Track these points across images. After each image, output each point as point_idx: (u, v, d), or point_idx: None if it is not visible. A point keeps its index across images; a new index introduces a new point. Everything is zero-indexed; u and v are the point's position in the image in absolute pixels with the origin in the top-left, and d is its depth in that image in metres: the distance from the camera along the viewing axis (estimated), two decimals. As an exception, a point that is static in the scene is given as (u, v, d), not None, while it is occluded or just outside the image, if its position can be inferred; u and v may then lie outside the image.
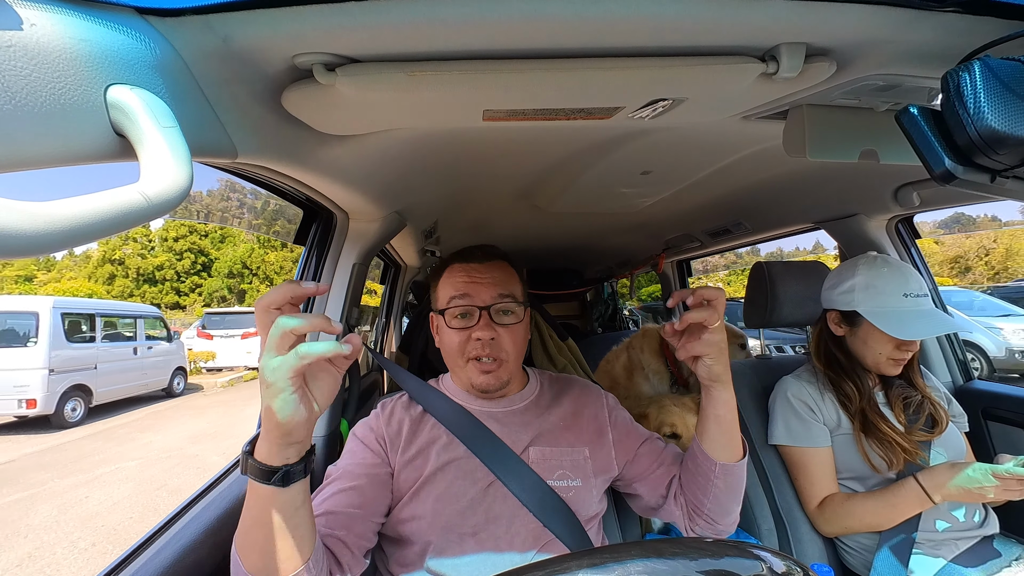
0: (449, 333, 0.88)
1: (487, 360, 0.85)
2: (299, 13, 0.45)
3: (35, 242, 0.29)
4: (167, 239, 27.89)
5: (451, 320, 0.87)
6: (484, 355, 0.85)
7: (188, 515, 0.81)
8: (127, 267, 26.50)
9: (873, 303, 1.10)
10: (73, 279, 26.42)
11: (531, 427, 0.89)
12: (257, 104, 0.59)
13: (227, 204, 1.51)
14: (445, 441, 0.85)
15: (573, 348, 1.50)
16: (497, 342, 0.85)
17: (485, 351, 0.85)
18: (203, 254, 28.17)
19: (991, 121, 0.45)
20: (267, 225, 1.38)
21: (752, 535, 1.22)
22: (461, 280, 0.88)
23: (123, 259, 26.18)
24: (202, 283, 27.79)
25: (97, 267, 26.26)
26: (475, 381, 0.87)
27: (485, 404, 0.91)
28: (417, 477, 0.82)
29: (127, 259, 26.30)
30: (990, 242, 21.62)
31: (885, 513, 1.04)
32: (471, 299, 0.86)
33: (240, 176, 0.82)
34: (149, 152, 0.39)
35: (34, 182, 0.46)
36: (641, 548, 0.37)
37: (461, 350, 0.86)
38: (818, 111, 0.75)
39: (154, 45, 0.42)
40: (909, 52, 0.57)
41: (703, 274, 3.15)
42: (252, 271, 28.19)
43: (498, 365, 0.86)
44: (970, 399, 1.44)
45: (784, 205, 1.66)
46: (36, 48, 0.33)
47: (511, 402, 0.92)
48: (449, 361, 0.91)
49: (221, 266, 27.99)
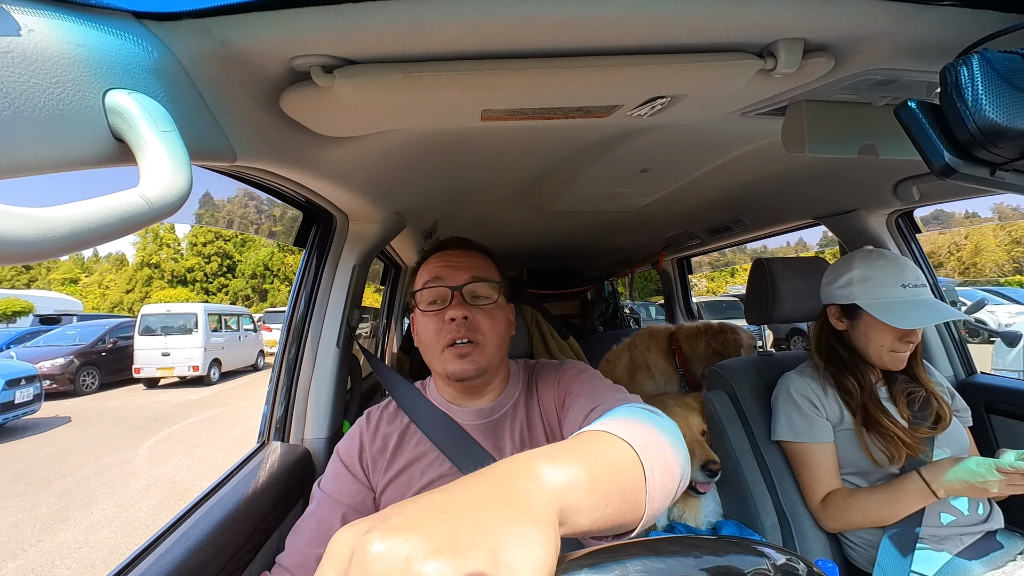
0: (423, 320, 0.84)
1: (462, 343, 0.80)
2: (296, 15, 0.45)
3: (36, 248, 0.29)
4: (196, 244, 30.07)
5: (424, 305, 0.84)
6: (459, 337, 0.80)
7: (191, 520, 0.81)
8: (162, 270, 29.09)
9: (872, 295, 1.10)
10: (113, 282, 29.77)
11: (516, 431, 0.84)
12: (255, 107, 0.59)
13: (231, 209, 1.52)
14: (431, 458, 0.82)
15: (574, 346, 1.50)
16: (472, 322, 0.81)
17: (460, 332, 0.80)
18: (228, 257, 30.39)
19: (990, 114, 0.45)
20: (267, 227, 1.38)
21: (755, 531, 1.22)
22: (436, 265, 0.86)
23: (159, 263, 28.71)
24: (228, 284, 30.09)
25: (136, 271, 29.22)
26: (450, 369, 0.81)
27: (469, 415, 0.85)
28: (401, 496, 0.79)
29: (162, 263, 28.85)
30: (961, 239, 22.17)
31: (888, 508, 1.04)
32: (443, 281, 0.83)
33: (239, 179, 0.82)
34: (148, 156, 0.39)
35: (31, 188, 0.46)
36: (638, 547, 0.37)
37: (436, 336, 0.82)
38: (817, 106, 0.75)
39: (152, 49, 0.42)
40: (907, 46, 0.57)
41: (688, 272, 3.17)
42: (273, 272, 30.71)
43: (473, 348, 0.81)
44: (973, 393, 1.44)
45: (784, 201, 1.66)
46: (34, 54, 0.33)
47: (493, 409, 0.86)
48: (426, 354, 0.86)
49: (245, 268, 30.39)
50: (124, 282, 29.73)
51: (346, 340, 1.26)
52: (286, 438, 1.16)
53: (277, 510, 0.95)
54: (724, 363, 1.46)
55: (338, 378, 1.23)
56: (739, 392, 1.35)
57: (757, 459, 1.27)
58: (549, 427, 0.84)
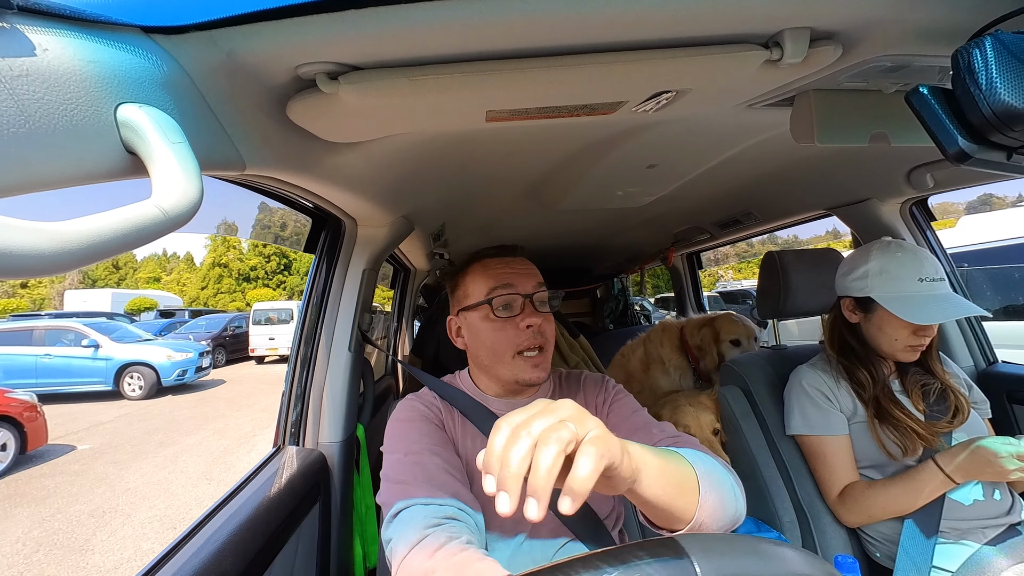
0: (490, 327, 0.83)
1: (534, 352, 0.82)
2: (300, 24, 0.46)
3: (54, 261, 0.30)
4: (257, 244, 33.55)
5: (496, 310, 0.83)
6: (534, 344, 0.81)
7: (211, 524, 0.82)
8: (230, 269, 32.13)
9: (888, 288, 1.08)
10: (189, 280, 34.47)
11: None
12: (263, 116, 0.59)
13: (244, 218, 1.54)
14: (473, 435, 0.83)
15: (585, 345, 1.49)
16: (541, 330, 0.83)
17: (536, 339, 0.81)
18: (284, 256, 33.20)
19: (1005, 97, 0.44)
20: (276, 235, 1.39)
21: (773, 528, 1.21)
22: (501, 271, 0.85)
23: (227, 263, 31.95)
24: (285, 280, 32.96)
25: (208, 269, 32.54)
26: (525, 376, 0.82)
27: (505, 404, 0.87)
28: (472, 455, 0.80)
29: (230, 263, 32.08)
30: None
31: (907, 498, 1.02)
32: (514, 288, 0.83)
33: (249, 187, 0.83)
34: (160, 168, 0.39)
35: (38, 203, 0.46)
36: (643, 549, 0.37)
37: (509, 343, 0.82)
38: (825, 96, 0.74)
39: (160, 63, 0.43)
40: (917, 31, 0.56)
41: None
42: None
43: (543, 357, 0.83)
44: (995, 383, 1.41)
45: (794, 192, 1.64)
46: (49, 72, 0.33)
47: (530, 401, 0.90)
48: (491, 358, 0.85)
49: (300, 266, 32.98)
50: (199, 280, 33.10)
51: (358, 344, 1.27)
52: (301, 442, 1.18)
53: (295, 513, 0.96)
54: (737, 358, 1.44)
55: (351, 382, 1.24)
56: (753, 387, 1.33)
57: (773, 454, 1.26)
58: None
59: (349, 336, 1.24)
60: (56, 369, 8.23)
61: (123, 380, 8.34)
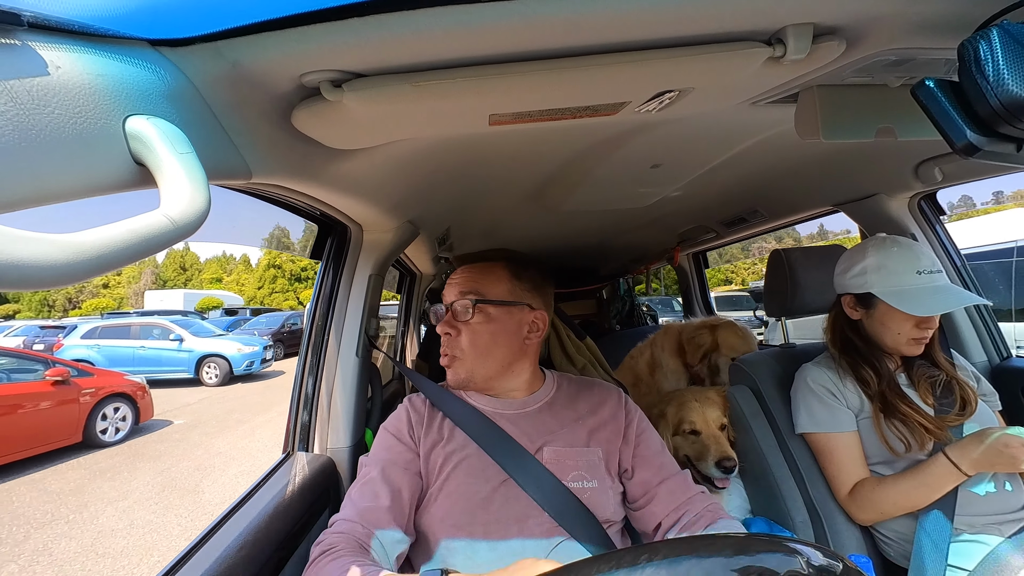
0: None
1: (445, 359, 0.95)
2: (303, 33, 0.46)
3: (67, 272, 0.30)
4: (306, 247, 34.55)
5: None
6: (443, 352, 0.95)
7: (223, 531, 0.83)
8: (283, 270, 34.22)
9: (887, 283, 1.09)
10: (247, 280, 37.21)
11: (545, 427, 0.90)
12: (268, 125, 0.60)
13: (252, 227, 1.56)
14: (459, 440, 0.89)
15: (592, 347, 1.49)
16: (452, 339, 0.94)
17: (445, 349, 0.95)
18: None
19: (1014, 88, 0.43)
20: (276, 238, 1.40)
21: (785, 528, 1.20)
22: (448, 282, 0.99)
23: (280, 264, 34.30)
24: None
25: (264, 270, 35.09)
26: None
27: (499, 405, 0.94)
28: (432, 470, 0.86)
29: (283, 264, 34.43)
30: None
31: (918, 493, 1.01)
32: (445, 299, 0.97)
33: (255, 196, 0.83)
34: (168, 178, 0.40)
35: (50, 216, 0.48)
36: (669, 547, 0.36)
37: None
38: (829, 91, 0.73)
39: (167, 75, 0.43)
40: (921, 24, 0.55)
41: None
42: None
43: (451, 361, 0.94)
44: (1009, 377, 1.39)
45: (800, 189, 1.63)
46: (59, 87, 0.34)
47: (524, 403, 0.94)
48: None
49: None
50: (255, 280, 36.06)
51: (365, 349, 1.27)
52: (310, 448, 1.18)
53: (305, 519, 0.97)
54: (745, 357, 1.43)
55: (359, 387, 1.24)
56: (761, 386, 1.32)
57: (784, 453, 1.24)
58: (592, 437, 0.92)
59: (356, 342, 1.24)
60: (149, 359, 9.84)
61: (202, 369, 9.76)
